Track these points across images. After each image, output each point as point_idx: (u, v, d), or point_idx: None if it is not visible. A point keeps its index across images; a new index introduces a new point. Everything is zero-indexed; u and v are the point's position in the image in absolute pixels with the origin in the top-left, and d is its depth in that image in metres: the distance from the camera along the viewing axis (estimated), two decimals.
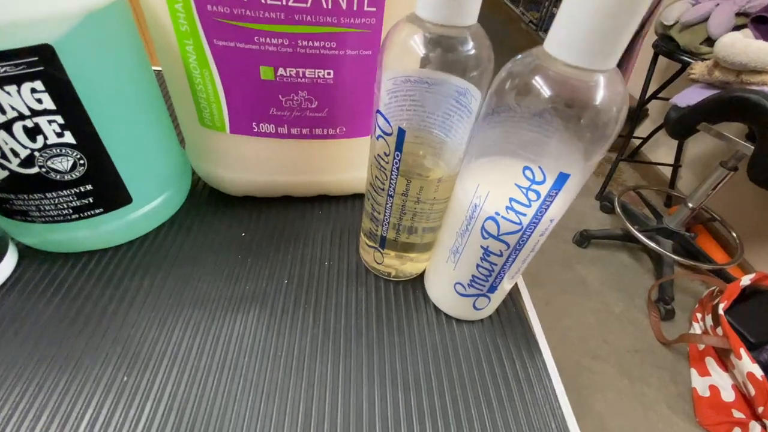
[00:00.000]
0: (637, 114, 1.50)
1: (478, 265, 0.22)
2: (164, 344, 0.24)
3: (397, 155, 0.20)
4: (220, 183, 0.32)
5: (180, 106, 0.27)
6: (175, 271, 0.28)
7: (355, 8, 0.21)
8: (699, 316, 1.15)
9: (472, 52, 0.18)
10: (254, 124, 0.26)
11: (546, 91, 0.16)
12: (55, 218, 0.25)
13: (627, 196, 1.59)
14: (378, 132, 0.20)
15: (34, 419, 0.20)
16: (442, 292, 0.26)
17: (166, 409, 0.21)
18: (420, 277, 0.29)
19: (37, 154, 0.21)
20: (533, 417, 0.23)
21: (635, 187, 1.54)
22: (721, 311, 1.01)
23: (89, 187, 0.24)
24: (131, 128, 0.25)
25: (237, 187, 0.32)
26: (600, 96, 0.15)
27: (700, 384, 1.05)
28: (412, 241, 0.26)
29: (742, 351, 0.93)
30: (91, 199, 0.25)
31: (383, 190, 0.22)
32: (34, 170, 0.22)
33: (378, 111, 0.20)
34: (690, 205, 1.22)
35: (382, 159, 0.21)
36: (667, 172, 1.63)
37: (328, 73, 0.24)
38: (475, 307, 0.25)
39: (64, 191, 0.23)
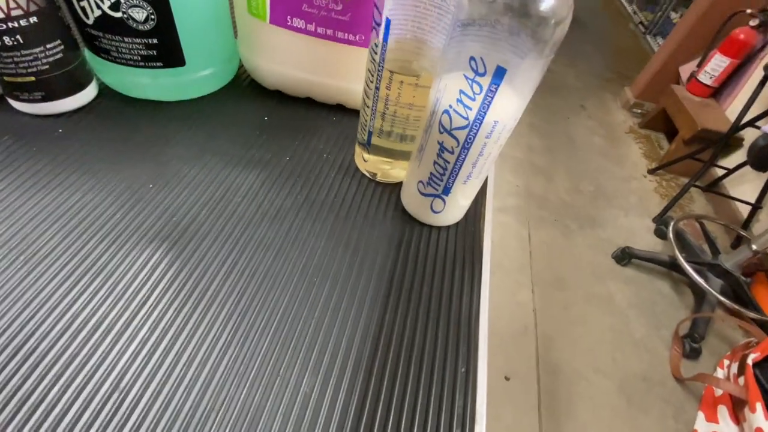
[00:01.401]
0: (725, 140, 1.36)
1: (434, 162, 0.26)
2: (184, 173, 0.30)
3: (384, 45, 0.24)
4: (258, 73, 0.37)
5: None
6: (206, 128, 0.34)
7: None
8: (726, 363, 1.07)
9: None
10: (289, 17, 0.31)
11: None
12: (128, 62, 0.32)
13: (689, 225, 1.46)
14: (373, 23, 0.24)
15: (86, 191, 0.27)
16: (408, 191, 0.30)
17: (172, 211, 0.28)
18: (399, 185, 0.33)
19: (123, 1, 0.28)
20: (454, 298, 0.27)
21: (698, 216, 1.42)
22: (749, 361, 0.94)
23: (154, 41, 0.31)
24: (195, 3, 0.31)
25: (270, 78, 0.37)
26: (544, 1, 0.18)
27: (703, 428, 1.00)
28: (392, 147, 0.30)
29: (759, 405, 0.87)
30: (154, 52, 0.31)
31: (372, 83, 0.26)
32: (119, 15, 0.29)
33: (374, 4, 0.23)
34: (753, 247, 1.11)
35: (374, 51, 0.25)
36: (746, 211, 1.47)
37: None
38: (432, 209, 0.29)
39: (137, 39, 0.30)
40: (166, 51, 0.32)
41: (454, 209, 0.29)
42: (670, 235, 1.28)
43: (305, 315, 0.24)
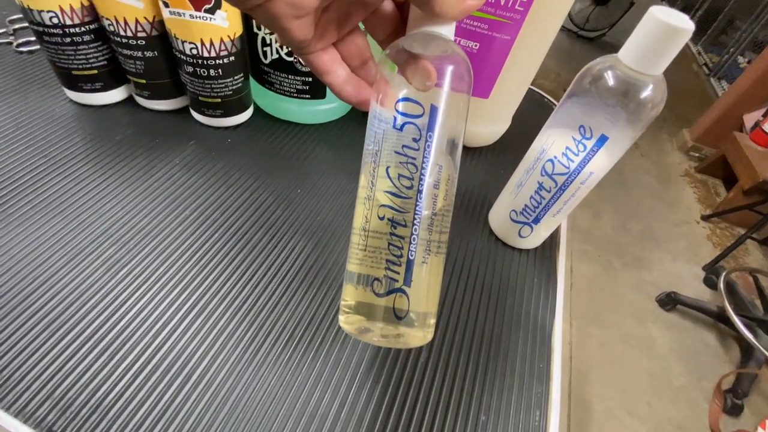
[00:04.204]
0: None
1: (531, 197, 0.32)
2: (321, 183, 0.38)
3: (430, 136, 0.19)
4: None
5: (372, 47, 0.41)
6: (334, 147, 0.42)
7: (509, 5, 0.32)
8: None
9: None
10: None
11: (611, 81, 0.25)
12: (284, 93, 0.41)
13: (741, 278, 1.42)
14: (402, 120, 0.19)
15: (253, 190, 0.36)
16: (499, 217, 0.36)
17: (315, 213, 0.36)
18: (482, 210, 0.40)
19: None
20: (532, 309, 0.33)
21: (753, 269, 1.37)
22: None
23: (310, 79, 0.39)
24: None
25: None
26: (645, 91, 0.24)
27: None
28: (438, 277, 0.21)
29: None
30: (307, 87, 0.40)
31: (411, 188, 0.20)
32: (291, 59, 0.38)
33: (403, 99, 0.19)
34: None
35: (410, 149, 0.19)
36: None
37: (476, 45, 0.35)
38: (520, 234, 0.35)
39: (298, 77, 0.39)
40: (316, 87, 0.40)
41: (537, 237, 0.36)
42: (721, 285, 1.26)
43: None
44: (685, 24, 0.22)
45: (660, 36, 0.22)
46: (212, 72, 0.36)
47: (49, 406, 0.23)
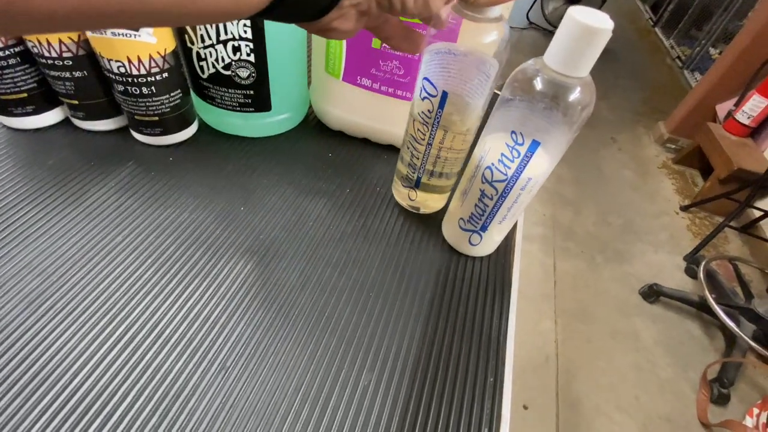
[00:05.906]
0: (761, 181, 1.34)
1: (476, 204, 0.31)
2: (267, 199, 0.37)
3: (439, 112, 0.30)
4: (325, 116, 0.44)
5: (316, 56, 0.40)
6: (283, 161, 0.41)
7: None
8: (756, 411, 1.03)
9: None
10: (359, 77, 0.38)
11: (539, 85, 0.24)
12: (227, 107, 0.39)
13: (722, 266, 1.43)
14: (424, 94, 0.29)
15: (193, 209, 0.35)
16: (450, 226, 0.35)
17: (259, 230, 0.34)
18: (439, 219, 0.39)
19: (233, 63, 0.36)
20: (485, 319, 0.32)
21: (732, 257, 1.39)
22: None
23: (251, 92, 0.38)
24: (284, 64, 0.38)
25: (335, 121, 0.44)
26: (573, 93, 0.24)
27: None
28: (438, 183, 0.35)
29: None
30: (249, 101, 0.39)
31: (423, 140, 0.32)
32: (228, 73, 0.36)
33: (425, 78, 0.29)
34: None
35: (426, 116, 0.31)
36: None
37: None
38: (470, 242, 0.34)
39: (238, 91, 0.38)
40: (259, 100, 0.39)
41: (488, 243, 0.35)
42: (701, 274, 1.26)
43: (363, 323, 0.30)
44: (602, 24, 0.21)
45: (579, 37, 0.22)
46: (145, 90, 0.35)
47: None
